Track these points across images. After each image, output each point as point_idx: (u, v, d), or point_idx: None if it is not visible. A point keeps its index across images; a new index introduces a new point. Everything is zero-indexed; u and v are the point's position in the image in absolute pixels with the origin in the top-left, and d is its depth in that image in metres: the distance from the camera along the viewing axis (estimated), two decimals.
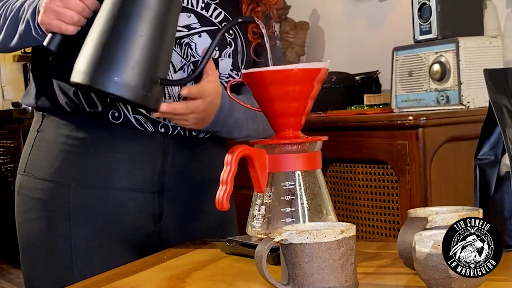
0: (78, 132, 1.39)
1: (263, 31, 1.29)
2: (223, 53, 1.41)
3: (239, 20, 1.30)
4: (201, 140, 1.45)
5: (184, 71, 1.38)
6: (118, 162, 1.38)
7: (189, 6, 1.39)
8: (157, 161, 1.40)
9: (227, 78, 1.41)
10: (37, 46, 1.46)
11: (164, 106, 1.24)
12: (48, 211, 1.40)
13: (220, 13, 1.42)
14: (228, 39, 1.42)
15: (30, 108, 5.57)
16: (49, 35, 1.26)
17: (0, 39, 1.36)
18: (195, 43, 1.39)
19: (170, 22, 1.21)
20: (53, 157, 1.40)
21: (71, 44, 1.23)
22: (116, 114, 1.37)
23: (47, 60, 1.42)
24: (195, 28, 1.39)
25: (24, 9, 1.32)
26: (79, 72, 1.17)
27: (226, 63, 1.41)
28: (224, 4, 1.43)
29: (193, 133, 1.42)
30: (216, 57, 1.40)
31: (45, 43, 1.26)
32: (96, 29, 1.18)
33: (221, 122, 1.36)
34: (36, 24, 1.28)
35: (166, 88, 1.35)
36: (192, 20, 1.39)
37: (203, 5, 1.40)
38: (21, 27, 1.31)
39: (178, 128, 1.39)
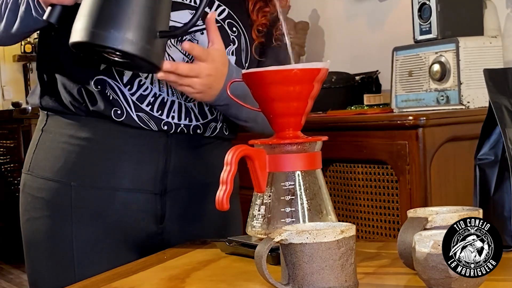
0: (81, 132, 1.39)
1: (280, 14, 1.27)
2: (226, 50, 1.40)
3: None
4: (206, 140, 1.44)
5: None
6: (121, 163, 1.38)
7: (192, 3, 1.39)
8: (159, 161, 1.40)
9: None
10: (41, 43, 1.46)
11: (167, 64, 1.22)
12: (51, 211, 1.40)
13: (223, 10, 1.41)
14: (232, 37, 1.41)
15: (30, 108, 5.59)
16: (49, 8, 1.26)
17: (2, 26, 1.36)
18: (197, 41, 1.38)
19: None
20: (56, 156, 1.40)
21: (71, 17, 1.22)
22: (119, 112, 1.37)
23: (51, 58, 1.42)
24: (198, 26, 1.38)
25: None
26: (77, 31, 1.17)
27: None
28: (228, 1, 1.42)
29: (198, 130, 1.41)
30: None
31: (45, 17, 1.26)
32: None
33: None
34: (36, 2, 1.29)
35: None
36: None
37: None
38: (21, 9, 1.32)
39: (182, 125, 1.39)
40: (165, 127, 1.38)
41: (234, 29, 1.42)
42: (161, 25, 1.19)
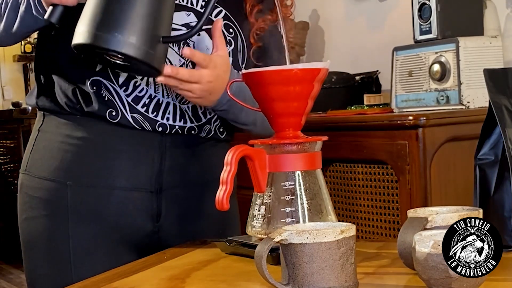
0: (77, 132, 1.40)
1: (279, 14, 1.27)
2: None
3: None
4: (201, 140, 1.45)
5: None
6: (116, 162, 1.38)
7: (189, 5, 1.39)
8: (154, 160, 1.40)
9: None
10: (39, 43, 1.46)
11: (168, 68, 1.22)
12: (47, 210, 1.40)
13: (220, 11, 1.41)
14: (228, 38, 1.41)
15: (30, 108, 5.59)
16: (50, 7, 1.26)
17: (2, 26, 1.36)
18: (194, 42, 1.38)
19: None
20: (53, 156, 1.41)
21: (72, 18, 1.22)
22: (114, 113, 1.37)
23: (48, 58, 1.42)
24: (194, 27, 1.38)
25: None
26: (80, 33, 1.17)
27: None
28: (225, 3, 1.42)
29: (193, 132, 1.42)
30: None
31: (46, 16, 1.26)
32: None
33: (229, 100, 1.33)
34: (36, 2, 1.29)
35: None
36: (191, 18, 1.38)
37: (203, 3, 1.40)
38: (22, 8, 1.32)
39: (176, 127, 1.39)
40: (160, 128, 1.38)
41: (231, 30, 1.42)
42: (164, 30, 1.20)
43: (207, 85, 1.28)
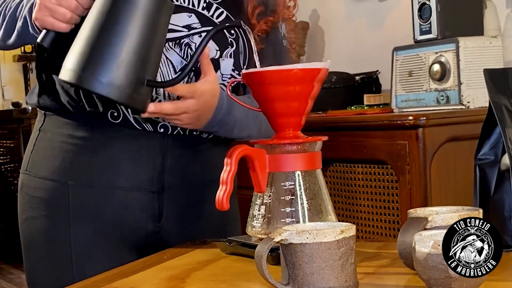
0: (79, 132, 1.40)
1: (250, 38, 1.28)
2: (224, 53, 1.40)
3: (227, 24, 1.31)
4: (203, 140, 1.44)
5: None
6: (118, 162, 1.38)
7: (190, 6, 1.39)
8: (156, 160, 1.40)
9: (229, 78, 1.40)
10: (40, 45, 1.46)
11: (151, 106, 1.23)
12: (48, 210, 1.40)
13: (222, 12, 1.41)
14: (230, 39, 1.41)
15: (30, 108, 5.59)
16: (43, 31, 1.27)
17: (0, 35, 1.36)
18: (195, 43, 1.38)
19: (160, 23, 1.20)
20: (54, 156, 1.41)
21: (65, 42, 1.23)
22: (115, 114, 1.37)
23: (48, 57, 1.42)
24: (196, 28, 1.38)
25: (22, 6, 1.33)
26: (67, 70, 1.18)
27: (227, 64, 1.40)
28: (226, 4, 1.42)
29: (194, 132, 1.42)
30: (217, 57, 1.39)
31: (38, 40, 1.27)
32: (86, 27, 1.18)
33: (218, 121, 1.35)
34: (32, 21, 1.29)
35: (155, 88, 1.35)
36: (193, 20, 1.38)
37: (204, 4, 1.40)
38: (19, 23, 1.32)
39: (178, 128, 1.39)
40: (162, 129, 1.38)
41: (232, 31, 1.42)
42: (149, 74, 1.20)
43: (194, 114, 1.29)
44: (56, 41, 1.27)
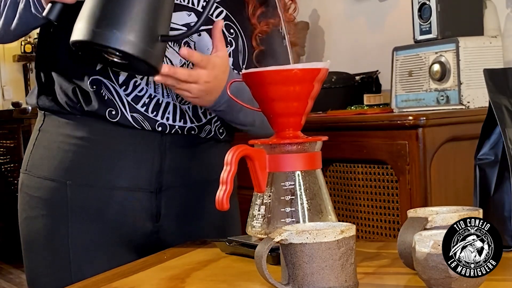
0: (77, 132, 1.40)
1: (281, 18, 1.27)
2: None
3: None
4: (201, 140, 1.45)
5: None
6: (116, 161, 1.38)
7: (190, 5, 1.39)
8: (154, 160, 1.40)
9: None
10: (40, 42, 1.46)
11: (165, 67, 1.22)
12: (47, 210, 1.40)
13: (221, 11, 1.41)
14: (229, 38, 1.41)
15: (30, 108, 5.59)
16: (49, 4, 1.25)
17: (1, 23, 1.36)
18: (194, 42, 1.38)
19: None
20: (53, 156, 1.41)
21: (72, 14, 1.21)
22: (113, 112, 1.37)
23: (49, 57, 1.42)
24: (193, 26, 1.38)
25: None
26: (79, 30, 1.16)
27: None
28: (226, 3, 1.42)
29: (193, 132, 1.41)
30: None
31: (44, 14, 1.25)
32: None
33: (226, 100, 1.33)
34: None
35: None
36: (192, 18, 1.38)
37: (204, 3, 1.40)
38: (21, 5, 1.32)
39: (176, 127, 1.39)
40: (160, 128, 1.38)
41: (232, 31, 1.42)
42: (162, 29, 1.20)
43: (204, 85, 1.28)
44: (63, 15, 1.25)
